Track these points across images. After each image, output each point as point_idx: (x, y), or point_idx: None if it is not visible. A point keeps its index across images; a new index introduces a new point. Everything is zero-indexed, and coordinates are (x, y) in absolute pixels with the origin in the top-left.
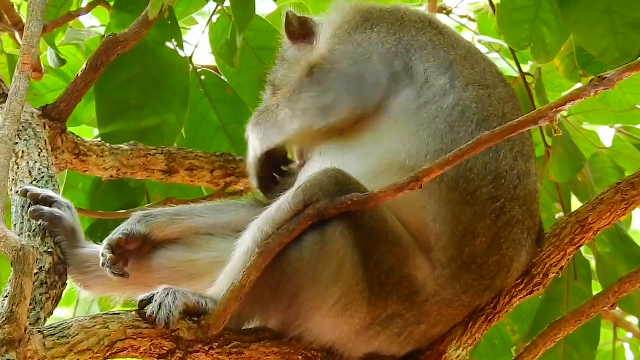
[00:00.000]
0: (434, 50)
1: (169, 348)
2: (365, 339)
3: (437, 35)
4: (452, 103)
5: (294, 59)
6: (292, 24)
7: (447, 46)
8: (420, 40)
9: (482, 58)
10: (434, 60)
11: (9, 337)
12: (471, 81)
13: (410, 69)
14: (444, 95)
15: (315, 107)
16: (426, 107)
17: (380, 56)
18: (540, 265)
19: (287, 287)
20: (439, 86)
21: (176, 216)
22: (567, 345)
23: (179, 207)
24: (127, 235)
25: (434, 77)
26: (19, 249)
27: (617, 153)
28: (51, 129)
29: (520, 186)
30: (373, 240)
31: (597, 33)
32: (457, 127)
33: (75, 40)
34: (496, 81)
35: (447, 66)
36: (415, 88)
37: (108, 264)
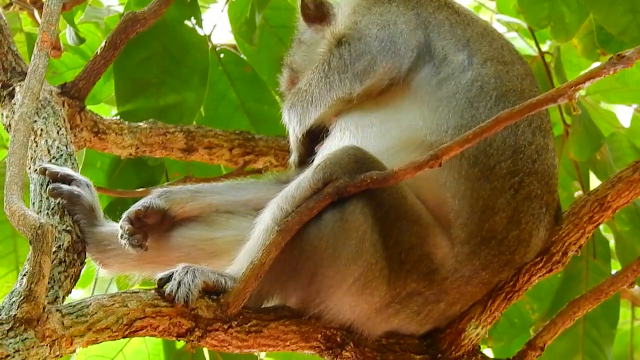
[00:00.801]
0: (451, 27)
1: (187, 327)
2: (385, 317)
3: (453, 14)
4: (471, 79)
5: (311, 41)
6: (308, 6)
7: (464, 24)
8: (437, 18)
9: (499, 36)
10: (452, 37)
11: (27, 316)
12: (489, 57)
13: (429, 45)
14: (462, 71)
15: (351, 72)
16: (445, 83)
17: (404, 23)
18: (559, 244)
19: (306, 265)
20: (458, 62)
21: (196, 193)
22: (586, 323)
23: (199, 184)
24: (146, 208)
25: (452, 53)
26: (38, 227)
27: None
28: (70, 107)
29: (539, 161)
30: (392, 218)
31: (617, 11)
32: (476, 102)
33: (95, 18)
34: (513, 58)
35: (464, 43)
36: (434, 64)
37: (126, 235)
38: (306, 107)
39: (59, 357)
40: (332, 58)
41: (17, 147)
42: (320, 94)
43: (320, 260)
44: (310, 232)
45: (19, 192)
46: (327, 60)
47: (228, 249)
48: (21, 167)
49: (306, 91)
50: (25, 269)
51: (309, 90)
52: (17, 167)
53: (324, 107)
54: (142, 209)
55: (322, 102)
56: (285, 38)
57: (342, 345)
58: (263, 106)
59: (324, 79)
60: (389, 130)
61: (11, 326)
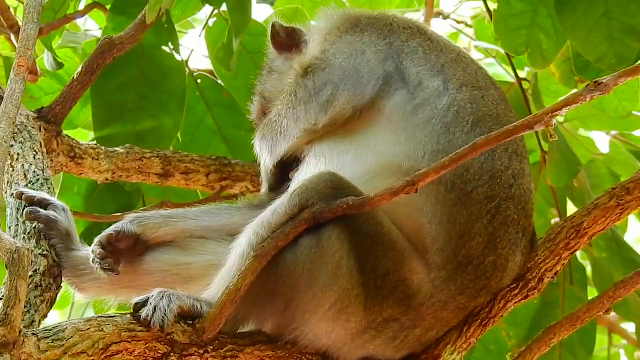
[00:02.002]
0: (425, 54)
1: (163, 351)
2: (360, 343)
3: (425, 40)
4: (447, 104)
5: (281, 69)
6: (279, 34)
7: (437, 50)
8: (410, 45)
9: (472, 61)
10: (426, 63)
11: (3, 340)
12: (464, 82)
13: (402, 72)
14: (438, 96)
15: (316, 103)
16: (421, 108)
17: (373, 53)
18: (535, 270)
19: (282, 290)
20: (433, 87)
21: (169, 218)
22: (562, 350)
23: (172, 209)
24: (117, 232)
25: (426, 79)
26: (14, 251)
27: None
28: (46, 131)
29: (515, 185)
30: (369, 243)
31: (594, 39)
32: (452, 127)
33: (72, 42)
34: (487, 83)
35: (438, 69)
36: (409, 90)
37: (97, 259)
38: (276, 138)
39: None
40: (298, 88)
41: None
42: (288, 125)
43: (296, 286)
44: (286, 258)
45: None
46: (294, 90)
47: (203, 274)
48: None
49: (275, 122)
50: (1, 292)
51: (278, 121)
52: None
53: (292, 138)
54: (114, 233)
55: (290, 133)
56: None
57: None
58: (240, 132)
59: (291, 110)
60: (364, 156)
61: None
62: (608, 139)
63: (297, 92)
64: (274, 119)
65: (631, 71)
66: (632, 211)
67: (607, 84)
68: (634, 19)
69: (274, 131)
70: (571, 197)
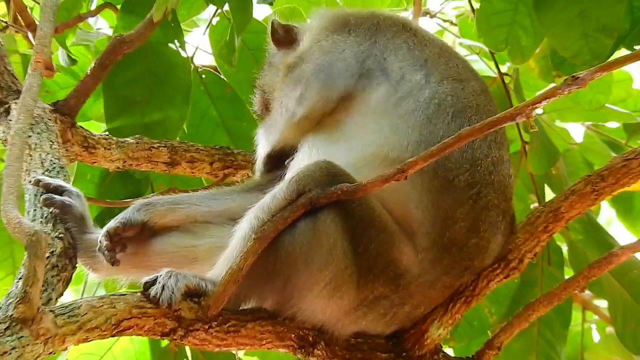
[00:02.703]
0: (409, 50)
1: (171, 326)
2: (353, 319)
3: (411, 36)
4: (429, 96)
5: (279, 64)
6: (277, 31)
7: (421, 45)
8: (395, 43)
9: (455, 55)
10: (409, 59)
11: (22, 316)
12: (445, 76)
13: (385, 69)
14: (420, 90)
15: (293, 99)
16: (404, 101)
17: (353, 52)
18: (516, 251)
19: (281, 270)
20: (415, 81)
21: (175, 204)
22: (540, 325)
23: (177, 195)
24: (124, 224)
25: (409, 73)
26: (32, 234)
27: (588, 149)
28: (62, 123)
29: (495, 172)
30: (361, 227)
31: (570, 36)
32: (434, 118)
33: (85, 40)
34: (469, 75)
35: (421, 63)
36: (392, 84)
37: (103, 250)
38: (269, 130)
39: (52, 354)
40: (283, 85)
41: (13, 160)
42: (276, 120)
43: (294, 266)
44: (285, 240)
45: (14, 201)
46: (282, 87)
47: (208, 255)
48: (17, 179)
49: (271, 115)
50: (21, 273)
51: (272, 115)
52: (13, 179)
53: (280, 132)
54: (121, 225)
55: (278, 126)
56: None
57: (313, 345)
58: (242, 123)
59: (279, 105)
60: (353, 146)
61: (8, 325)
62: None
63: (282, 88)
64: (271, 113)
65: (606, 67)
66: (606, 197)
67: (584, 78)
68: (607, 17)
69: (269, 123)
70: (549, 183)
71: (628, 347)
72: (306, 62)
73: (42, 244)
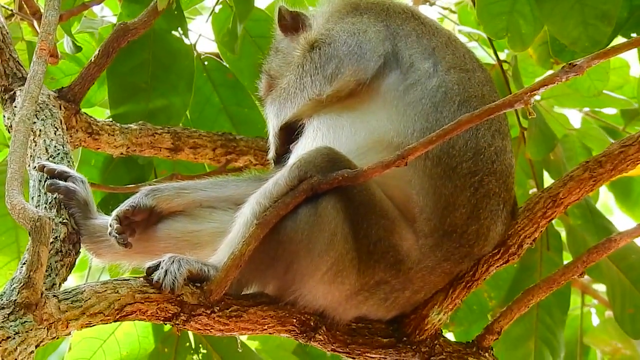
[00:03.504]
0: (418, 38)
1: (173, 311)
2: (354, 304)
3: (419, 24)
4: (436, 85)
5: (287, 50)
6: (285, 17)
7: (429, 34)
8: (405, 29)
9: (461, 45)
10: (418, 46)
11: (26, 301)
12: (453, 65)
13: (396, 54)
14: (428, 78)
15: (321, 75)
16: (412, 89)
17: (374, 33)
18: (515, 237)
19: (283, 255)
20: (424, 70)
21: (181, 190)
22: (540, 310)
23: (183, 182)
24: (134, 207)
25: (418, 61)
26: (36, 220)
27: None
28: (66, 109)
29: (498, 161)
30: (362, 212)
31: (569, 24)
32: (440, 107)
33: (89, 28)
34: (475, 66)
35: (430, 52)
36: (401, 71)
37: (114, 233)
38: (283, 103)
39: (55, 339)
40: (305, 61)
41: (17, 146)
42: (294, 94)
43: (296, 251)
44: (286, 226)
45: (19, 187)
46: (302, 63)
47: (210, 240)
48: (21, 165)
49: (284, 89)
50: (25, 258)
51: (286, 89)
52: (17, 165)
53: (297, 106)
54: (130, 208)
55: (296, 100)
56: (265, 47)
57: (315, 329)
58: (244, 110)
59: (298, 80)
60: (358, 131)
61: (12, 310)
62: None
63: (304, 65)
64: (283, 87)
65: (603, 54)
66: (604, 182)
67: (582, 65)
68: (606, 5)
69: (282, 97)
70: (548, 169)
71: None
72: (332, 41)
73: (46, 229)
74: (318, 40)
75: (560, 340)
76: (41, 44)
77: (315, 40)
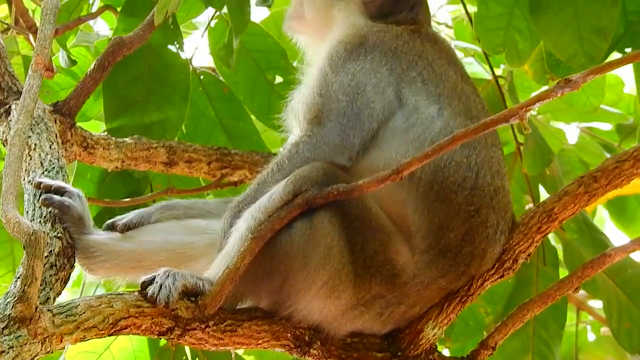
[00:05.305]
0: (423, 84)
1: (168, 326)
2: (350, 318)
3: (426, 68)
4: (439, 127)
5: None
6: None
7: (437, 79)
8: (410, 75)
9: (467, 88)
10: (424, 93)
11: (20, 315)
12: (458, 112)
13: (400, 98)
14: (431, 120)
15: (326, 147)
16: (413, 128)
17: (374, 87)
18: (510, 252)
19: (278, 269)
20: (428, 114)
21: (189, 209)
22: (536, 325)
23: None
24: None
25: (423, 106)
26: (31, 234)
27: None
28: (61, 123)
29: (496, 199)
30: (358, 226)
31: (565, 39)
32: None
33: (85, 42)
34: (479, 111)
35: (435, 99)
36: (404, 114)
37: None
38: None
39: (49, 354)
40: (301, 140)
41: (12, 160)
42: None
43: (291, 266)
44: (282, 240)
45: (14, 201)
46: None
47: (205, 253)
48: (16, 179)
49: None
50: (20, 272)
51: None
52: (12, 179)
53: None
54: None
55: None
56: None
57: (309, 344)
58: (239, 123)
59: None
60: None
61: (6, 324)
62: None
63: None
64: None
65: (598, 69)
66: (599, 198)
67: (577, 81)
68: (602, 21)
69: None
70: (544, 184)
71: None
72: (331, 109)
73: (40, 243)
74: (319, 107)
75: (557, 355)
76: (37, 58)
77: (317, 107)
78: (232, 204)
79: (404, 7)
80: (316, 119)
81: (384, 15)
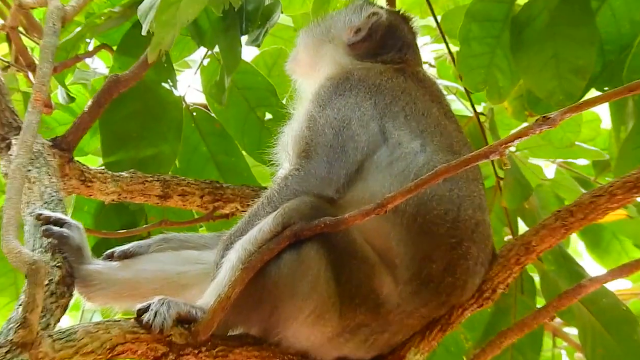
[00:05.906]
0: (406, 119)
1: (162, 351)
2: (336, 345)
3: (409, 103)
4: (422, 162)
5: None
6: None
7: (419, 115)
8: (393, 110)
9: (449, 125)
10: (407, 128)
11: (22, 340)
12: (441, 148)
13: (384, 133)
14: (414, 155)
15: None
16: (397, 162)
17: (358, 120)
18: (490, 282)
19: (267, 299)
20: (411, 149)
21: (185, 242)
22: (514, 351)
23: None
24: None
25: (406, 141)
26: (32, 263)
27: (559, 184)
28: (60, 158)
29: (477, 232)
30: (344, 258)
31: (545, 77)
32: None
33: (82, 79)
34: (462, 147)
35: (417, 134)
36: (387, 148)
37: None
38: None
39: None
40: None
41: (13, 193)
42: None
43: (280, 295)
44: (271, 270)
45: (15, 232)
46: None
47: (198, 282)
48: (17, 211)
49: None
50: (21, 299)
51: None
52: (13, 210)
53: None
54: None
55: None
56: (251, 98)
57: None
58: (231, 158)
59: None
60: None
61: (9, 349)
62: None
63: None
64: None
65: (576, 107)
66: (575, 231)
67: (555, 118)
68: (580, 60)
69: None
70: (523, 217)
71: None
72: (317, 142)
73: (41, 272)
74: (307, 139)
75: None
76: (36, 95)
77: (303, 139)
78: (224, 236)
79: (392, 49)
80: (304, 153)
81: (371, 55)
